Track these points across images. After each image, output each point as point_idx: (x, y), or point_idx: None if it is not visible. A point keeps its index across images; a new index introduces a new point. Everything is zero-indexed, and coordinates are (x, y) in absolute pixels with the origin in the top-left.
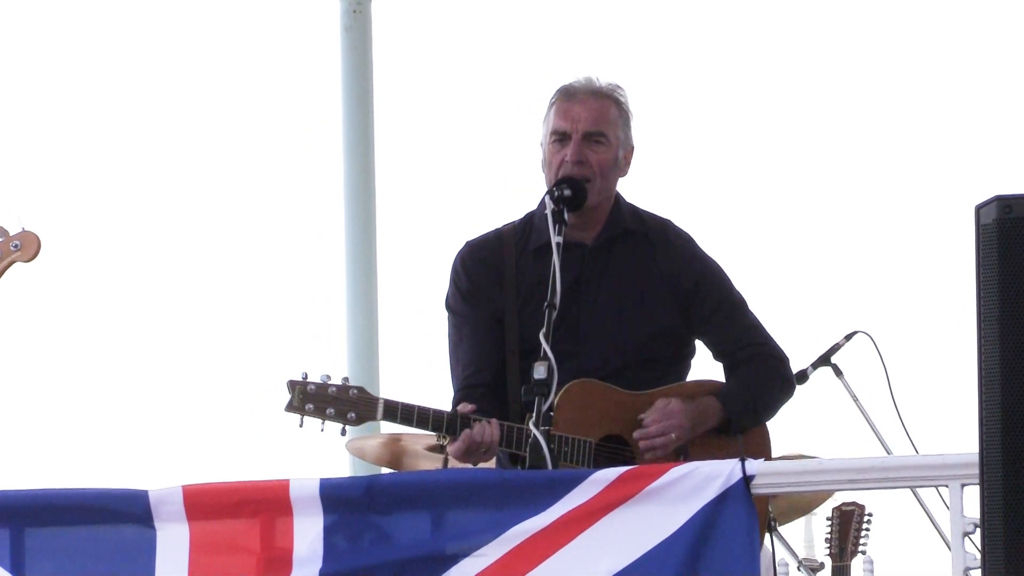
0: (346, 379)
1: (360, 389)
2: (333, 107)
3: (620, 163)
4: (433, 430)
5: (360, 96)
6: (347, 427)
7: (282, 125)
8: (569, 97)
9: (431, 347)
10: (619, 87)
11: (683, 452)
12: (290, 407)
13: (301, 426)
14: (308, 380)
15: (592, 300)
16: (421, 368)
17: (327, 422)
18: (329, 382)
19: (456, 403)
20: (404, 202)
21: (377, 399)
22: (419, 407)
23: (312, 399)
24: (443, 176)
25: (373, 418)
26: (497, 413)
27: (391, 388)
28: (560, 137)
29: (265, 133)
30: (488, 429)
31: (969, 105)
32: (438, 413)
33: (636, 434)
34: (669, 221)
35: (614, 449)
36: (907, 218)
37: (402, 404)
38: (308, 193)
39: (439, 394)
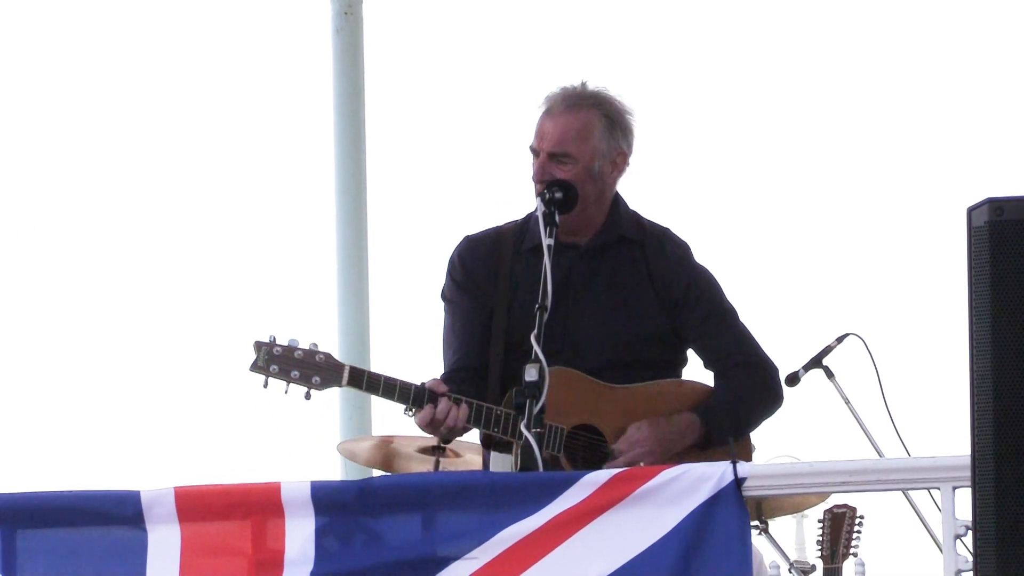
0: (314, 344)
1: (327, 355)
2: (324, 109)
3: (598, 173)
4: (399, 401)
5: (351, 98)
6: (312, 391)
7: (273, 127)
8: (545, 112)
9: (422, 346)
10: (606, 92)
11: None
12: (255, 367)
13: (265, 387)
14: (275, 342)
15: (579, 300)
16: (412, 364)
17: (291, 385)
18: (296, 346)
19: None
20: (395, 204)
21: (343, 365)
22: (385, 376)
23: (277, 361)
24: (434, 178)
25: (338, 384)
26: (481, 399)
27: None
28: (534, 153)
29: (256, 135)
30: (454, 411)
31: (960, 108)
32: (405, 385)
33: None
34: (668, 229)
35: (587, 438)
36: (899, 220)
37: (368, 372)
38: (299, 196)
39: None
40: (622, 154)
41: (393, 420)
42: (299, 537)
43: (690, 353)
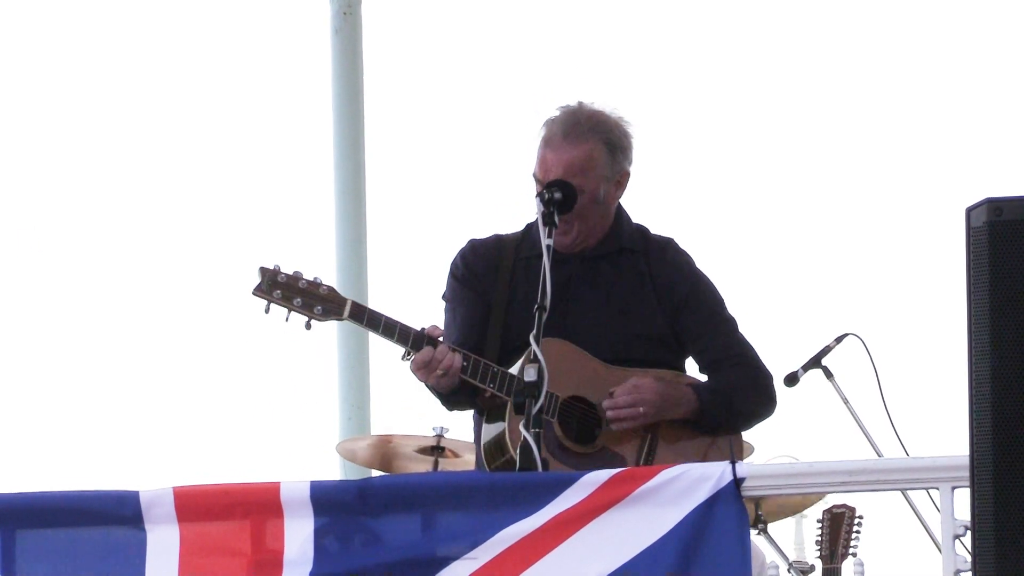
0: (318, 278)
1: (331, 288)
2: (323, 109)
3: (602, 199)
4: (398, 342)
5: (350, 98)
6: (312, 321)
7: (272, 127)
8: (546, 144)
9: None
10: (604, 114)
11: (653, 443)
12: (258, 290)
13: (267, 312)
14: (280, 270)
15: (580, 303)
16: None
17: (293, 312)
18: (302, 276)
19: None
20: (394, 205)
21: (346, 299)
22: (387, 316)
23: (281, 287)
24: (433, 178)
25: (339, 316)
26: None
27: (383, 392)
28: (538, 182)
29: (255, 135)
30: (450, 355)
31: (959, 108)
32: (405, 327)
33: (605, 403)
34: (672, 240)
35: (581, 409)
36: (898, 220)
37: (370, 309)
38: (299, 197)
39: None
40: (625, 174)
41: (392, 420)
42: (298, 537)
43: (688, 361)
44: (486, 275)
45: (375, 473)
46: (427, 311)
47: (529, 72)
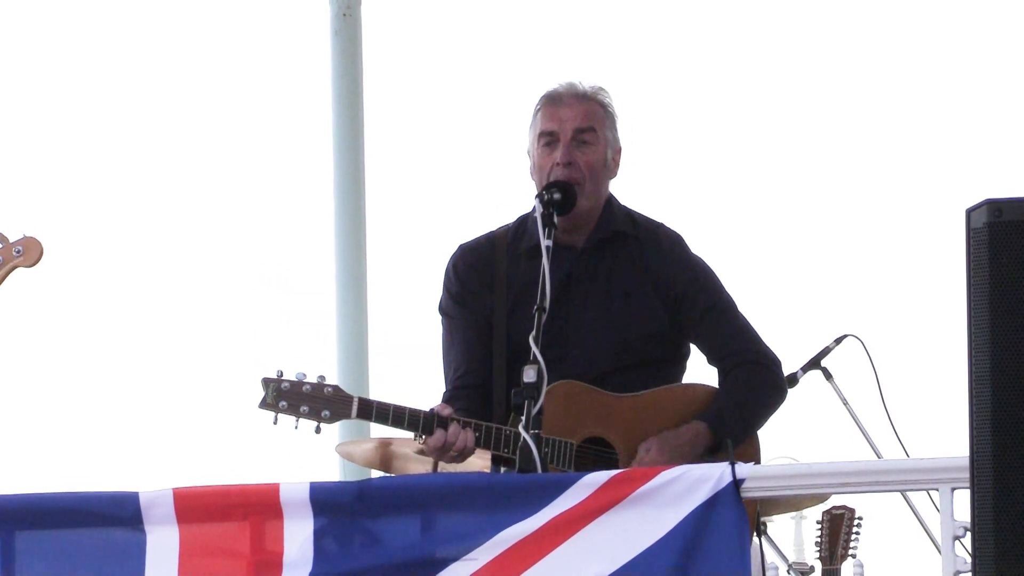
0: (321, 377)
1: (335, 388)
2: (323, 110)
3: (609, 164)
4: (408, 429)
5: (350, 100)
6: (321, 425)
7: (272, 129)
8: (555, 102)
9: (421, 351)
10: (603, 89)
11: None
12: (264, 404)
13: (275, 423)
14: (282, 378)
15: (581, 303)
16: (410, 372)
17: (301, 420)
18: (304, 380)
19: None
20: (394, 207)
21: (352, 397)
22: (394, 406)
23: (286, 396)
24: (433, 180)
25: (347, 416)
26: (485, 414)
27: (380, 392)
28: (549, 140)
29: (255, 137)
30: (463, 435)
31: (959, 109)
32: (414, 412)
33: None
34: (661, 223)
35: (596, 451)
36: (897, 221)
37: (377, 402)
38: (297, 199)
39: (429, 397)
40: (619, 152)
41: None
42: (298, 538)
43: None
44: (481, 287)
45: (375, 474)
46: (427, 311)
47: (529, 72)
